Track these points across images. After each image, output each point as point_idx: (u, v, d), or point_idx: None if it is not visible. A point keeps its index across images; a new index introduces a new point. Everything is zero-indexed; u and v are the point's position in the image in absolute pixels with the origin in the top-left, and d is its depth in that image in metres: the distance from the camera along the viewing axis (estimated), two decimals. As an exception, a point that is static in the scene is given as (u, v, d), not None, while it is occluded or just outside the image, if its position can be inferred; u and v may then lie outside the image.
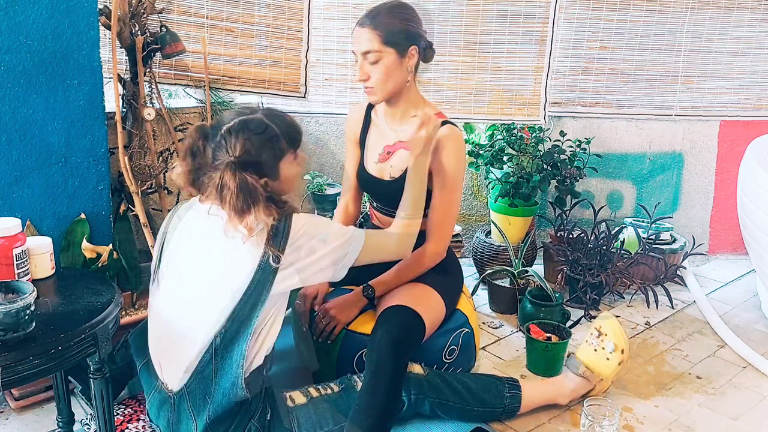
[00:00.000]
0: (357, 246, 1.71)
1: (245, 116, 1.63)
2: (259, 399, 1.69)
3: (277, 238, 1.58)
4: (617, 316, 2.78)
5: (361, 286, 2.05)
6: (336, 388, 1.84)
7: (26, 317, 1.40)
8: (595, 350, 2.10)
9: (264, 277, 1.58)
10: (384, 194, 2.12)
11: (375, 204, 2.20)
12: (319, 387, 1.84)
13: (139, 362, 1.80)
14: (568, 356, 2.17)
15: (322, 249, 1.64)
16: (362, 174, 2.16)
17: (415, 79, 2.04)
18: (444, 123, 2.01)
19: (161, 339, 1.71)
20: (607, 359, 2.08)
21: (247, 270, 1.58)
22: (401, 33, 1.93)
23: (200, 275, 1.65)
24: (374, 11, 1.93)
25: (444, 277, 2.10)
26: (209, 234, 1.63)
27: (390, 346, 1.77)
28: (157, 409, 1.72)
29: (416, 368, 1.94)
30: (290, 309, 2.20)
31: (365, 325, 1.99)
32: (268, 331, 1.68)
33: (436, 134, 1.92)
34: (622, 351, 2.08)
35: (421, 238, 2.07)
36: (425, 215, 2.06)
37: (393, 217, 2.11)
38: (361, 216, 2.48)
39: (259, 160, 1.59)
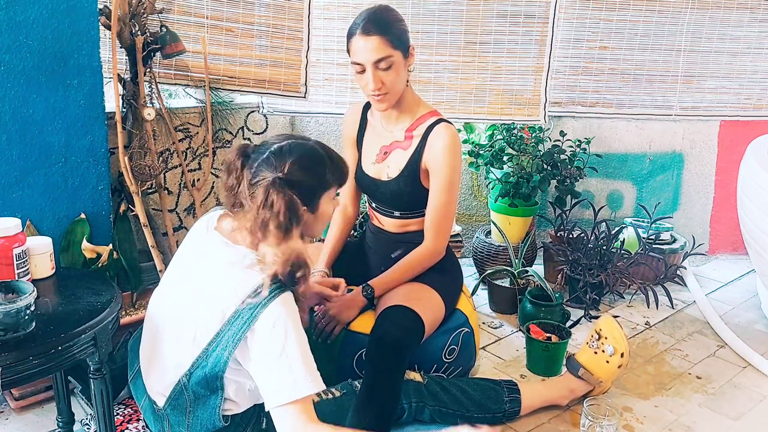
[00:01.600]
0: (295, 393, 1.41)
1: (298, 140, 1.53)
2: (251, 411, 1.60)
3: (252, 306, 1.41)
4: (617, 317, 2.78)
5: (361, 286, 2.05)
6: (337, 393, 1.84)
7: (26, 317, 1.40)
8: (595, 353, 2.10)
9: (233, 334, 1.42)
10: (382, 194, 2.12)
11: (374, 204, 2.20)
12: (320, 392, 1.83)
13: (132, 370, 1.72)
14: (568, 358, 2.17)
15: (269, 355, 1.41)
16: (360, 175, 2.16)
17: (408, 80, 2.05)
18: (439, 121, 2.02)
19: (147, 353, 1.63)
20: (607, 362, 2.08)
21: (223, 316, 1.43)
22: (404, 34, 1.94)
23: (186, 301, 1.53)
24: (374, 18, 1.89)
25: (443, 277, 2.10)
26: (212, 264, 1.51)
27: (389, 346, 1.77)
28: (150, 415, 1.69)
29: (415, 376, 1.94)
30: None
31: (365, 325, 1.99)
32: (253, 400, 1.56)
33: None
34: (622, 354, 2.08)
35: (420, 237, 2.08)
36: (423, 214, 2.07)
37: (392, 217, 2.12)
38: (360, 216, 2.48)
39: (306, 184, 1.47)
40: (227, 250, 1.49)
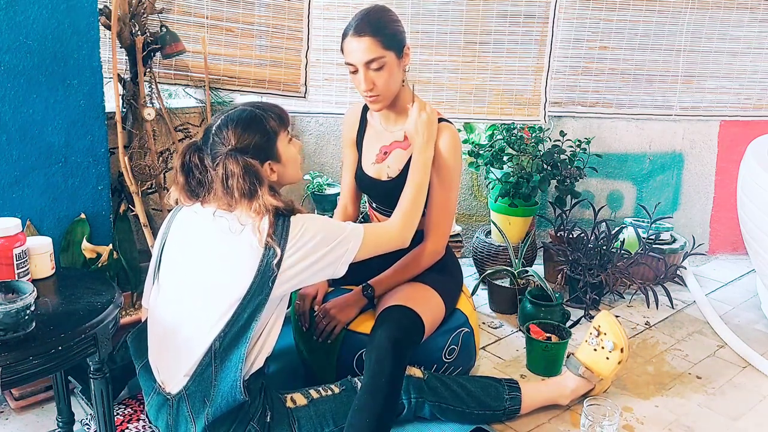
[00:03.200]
0: (356, 243, 1.70)
1: (228, 111, 1.68)
2: (258, 401, 1.69)
3: (277, 239, 1.59)
4: (617, 316, 2.77)
5: (361, 286, 2.05)
6: (337, 390, 1.84)
7: (26, 317, 1.40)
8: (595, 349, 2.10)
9: (264, 280, 1.59)
10: (382, 195, 2.12)
11: (374, 205, 2.20)
12: (320, 389, 1.84)
13: (138, 364, 1.79)
14: (568, 356, 2.17)
15: (322, 248, 1.64)
16: (360, 175, 2.17)
17: (406, 78, 2.05)
18: (439, 121, 2.02)
19: (161, 342, 1.71)
20: (607, 358, 2.08)
21: (247, 273, 1.59)
22: (396, 33, 1.94)
23: (201, 279, 1.65)
24: (366, 18, 1.90)
25: (443, 277, 2.11)
26: (212, 236, 1.64)
27: (389, 346, 1.77)
28: (156, 411, 1.72)
29: (416, 371, 1.94)
30: (290, 309, 2.20)
31: (365, 325, 1.99)
32: (268, 334, 1.69)
33: (436, 120, 1.95)
34: (622, 350, 2.08)
35: (420, 236, 2.08)
36: (423, 213, 2.07)
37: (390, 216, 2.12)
38: (360, 216, 2.48)
39: (254, 143, 1.62)
40: (223, 219, 1.63)
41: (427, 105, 1.96)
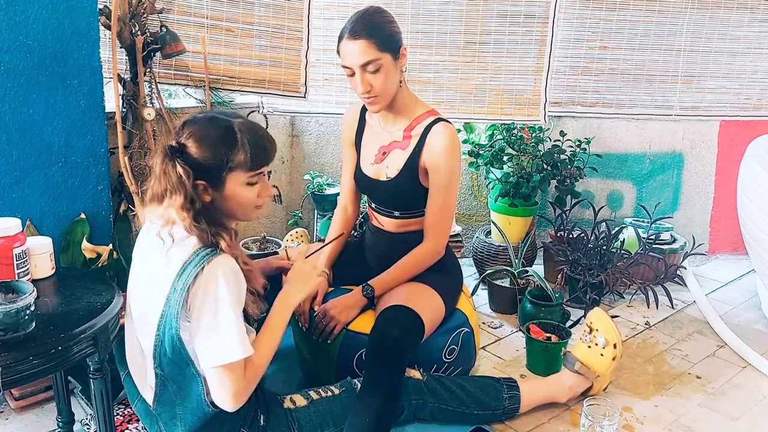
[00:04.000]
0: (233, 357, 1.45)
1: (218, 114, 1.54)
2: (248, 405, 1.62)
3: (188, 270, 1.44)
4: (617, 316, 2.78)
5: (361, 286, 2.05)
6: (336, 391, 1.84)
7: (26, 317, 1.40)
8: (589, 347, 2.10)
9: (175, 311, 1.46)
10: (381, 195, 2.13)
11: (373, 205, 2.20)
12: (320, 390, 1.83)
13: (122, 372, 1.76)
14: (564, 354, 2.17)
15: (205, 319, 1.44)
16: (359, 175, 2.17)
17: (404, 78, 2.05)
18: (437, 120, 2.02)
19: (131, 358, 1.68)
20: (601, 355, 2.08)
21: (162, 298, 1.48)
22: (392, 35, 1.94)
23: (142, 297, 1.59)
24: (361, 21, 1.91)
25: (443, 277, 2.11)
26: (150, 253, 1.55)
27: (389, 346, 1.77)
28: (144, 417, 1.71)
29: (415, 373, 1.94)
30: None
31: (365, 325, 1.99)
32: None
33: (319, 280, 1.85)
34: (615, 345, 2.08)
35: (420, 236, 2.08)
36: (422, 214, 2.07)
37: (391, 217, 2.12)
38: (360, 216, 2.49)
39: (199, 158, 1.46)
40: (154, 237, 1.51)
41: (310, 260, 1.80)
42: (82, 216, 2.19)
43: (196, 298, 1.44)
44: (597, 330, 2.09)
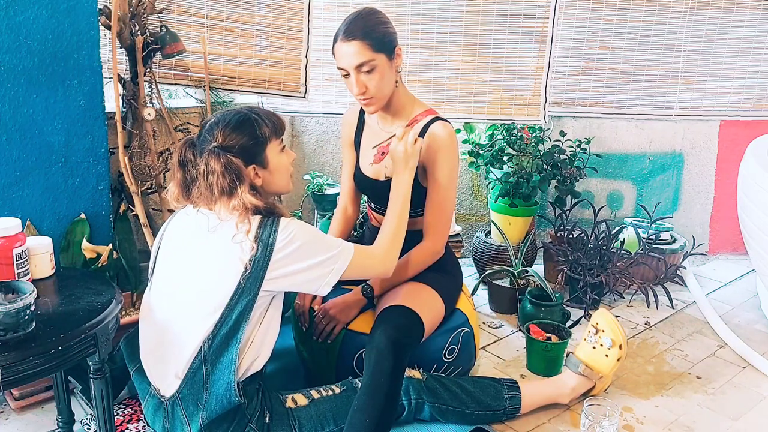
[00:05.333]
0: (343, 264, 1.68)
1: (225, 111, 1.69)
2: (256, 402, 1.68)
3: (265, 240, 1.58)
4: (617, 316, 2.77)
5: (360, 286, 2.05)
6: (338, 390, 1.84)
7: (26, 317, 1.40)
8: (594, 347, 2.10)
9: (251, 281, 1.58)
10: (380, 195, 2.12)
11: (373, 205, 2.20)
12: (321, 389, 1.84)
13: (131, 368, 1.79)
14: (567, 355, 2.17)
15: (309, 259, 1.62)
16: (358, 175, 2.17)
17: (400, 78, 2.05)
18: (436, 119, 2.02)
19: (152, 344, 1.71)
20: (606, 356, 2.08)
21: (233, 273, 1.58)
22: (386, 35, 1.93)
23: (190, 278, 1.65)
24: (355, 23, 1.90)
25: (443, 277, 2.10)
26: (199, 237, 1.65)
27: (389, 347, 1.76)
28: (152, 413, 1.72)
29: (415, 373, 1.94)
30: (290, 309, 2.20)
31: (365, 325, 1.99)
32: (264, 336, 1.67)
33: (419, 148, 1.92)
34: (620, 346, 2.08)
35: (419, 236, 2.08)
36: (422, 213, 2.07)
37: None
38: (360, 216, 2.48)
39: (240, 144, 1.62)
40: (205, 217, 1.64)
41: (418, 139, 1.94)
42: (82, 216, 2.19)
43: (282, 255, 1.58)
44: (603, 331, 2.09)
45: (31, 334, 1.41)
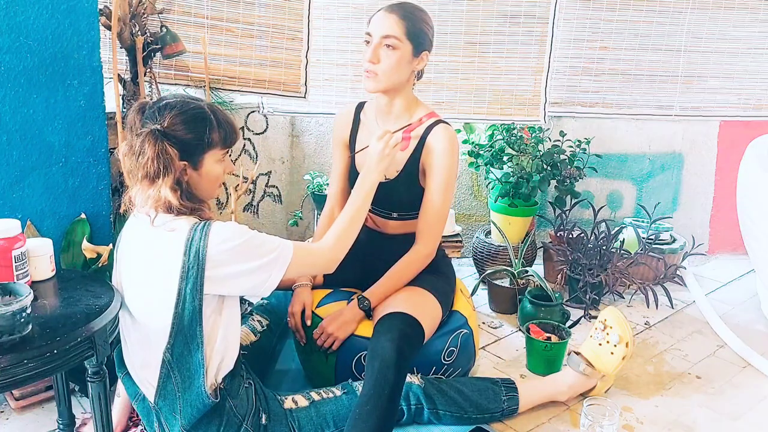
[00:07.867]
0: (281, 268, 1.60)
1: (186, 99, 1.61)
2: (246, 402, 1.66)
3: (195, 248, 1.52)
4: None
5: (356, 299, 2.03)
6: (338, 392, 1.84)
7: (22, 320, 1.39)
8: (600, 344, 2.09)
9: (189, 288, 1.53)
10: (379, 195, 2.10)
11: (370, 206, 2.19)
12: (321, 391, 1.84)
13: (120, 373, 1.77)
14: (569, 354, 2.17)
15: (244, 265, 1.56)
16: (354, 176, 2.14)
17: (413, 84, 2.05)
18: (437, 122, 2.01)
19: (129, 355, 1.70)
20: (612, 353, 2.07)
21: (171, 281, 1.54)
22: (423, 33, 1.95)
23: (137, 289, 1.62)
24: (404, 6, 1.95)
25: (437, 279, 2.10)
26: (140, 244, 1.61)
27: (393, 356, 1.74)
28: (145, 416, 1.72)
29: (414, 378, 1.94)
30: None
31: (363, 328, 1.99)
32: (225, 336, 1.63)
33: (395, 153, 1.91)
34: (627, 344, 2.07)
35: (411, 239, 2.07)
36: (416, 216, 2.06)
37: (389, 218, 2.11)
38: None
39: (184, 138, 1.54)
40: (146, 226, 1.58)
41: (398, 145, 1.92)
42: (83, 216, 2.19)
43: (216, 261, 1.52)
44: (611, 327, 2.08)
45: (27, 337, 1.40)
